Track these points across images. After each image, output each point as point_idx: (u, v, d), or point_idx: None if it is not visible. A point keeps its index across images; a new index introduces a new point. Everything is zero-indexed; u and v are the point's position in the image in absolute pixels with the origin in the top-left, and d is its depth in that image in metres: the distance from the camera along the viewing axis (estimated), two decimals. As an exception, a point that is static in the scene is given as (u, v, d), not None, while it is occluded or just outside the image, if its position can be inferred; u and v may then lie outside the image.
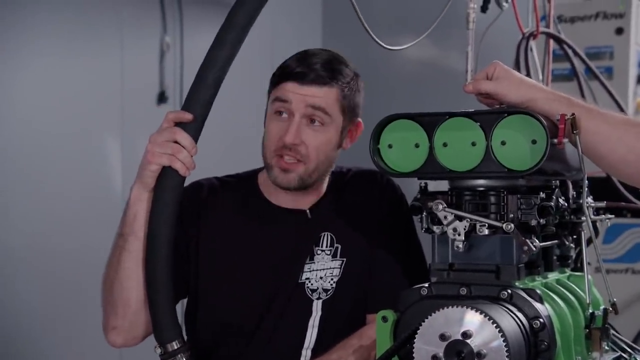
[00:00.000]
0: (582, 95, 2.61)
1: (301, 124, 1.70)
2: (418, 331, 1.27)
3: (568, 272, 1.59)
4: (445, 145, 1.40)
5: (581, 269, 1.54)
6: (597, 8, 3.03)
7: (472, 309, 1.24)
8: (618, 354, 1.50)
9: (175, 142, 1.52)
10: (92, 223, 3.24)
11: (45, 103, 3.15)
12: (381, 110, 1.51)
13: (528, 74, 2.40)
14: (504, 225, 1.36)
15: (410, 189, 1.60)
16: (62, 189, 3.18)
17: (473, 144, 1.38)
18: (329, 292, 1.74)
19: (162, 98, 3.58)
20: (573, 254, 1.60)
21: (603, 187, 2.05)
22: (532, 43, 2.45)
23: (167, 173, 1.53)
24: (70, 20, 3.24)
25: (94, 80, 3.31)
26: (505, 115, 1.37)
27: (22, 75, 3.09)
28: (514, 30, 2.48)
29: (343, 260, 1.76)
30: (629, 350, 1.51)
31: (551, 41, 2.55)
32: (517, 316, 1.31)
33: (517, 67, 2.41)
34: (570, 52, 2.58)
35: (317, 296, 1.74)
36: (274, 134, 1.72)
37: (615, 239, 2.99)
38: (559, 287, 1.47)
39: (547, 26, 2.54)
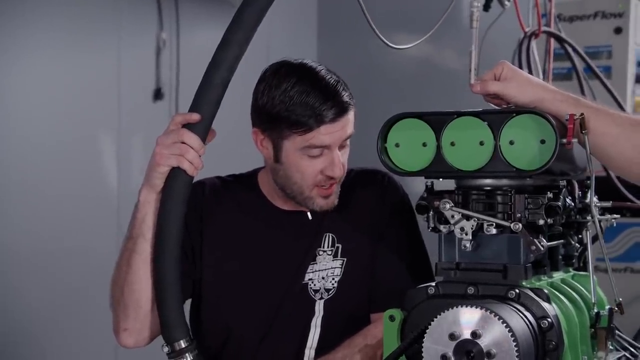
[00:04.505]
0: (582, 94, 2.61)
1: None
2: (427, 330, 1.27)
3: (572, 271, 1.59)
4: (453, 144, 1.39)
5: (585, 269, 1.55)
6: (596, 7, 3.02)
7: (482, 308, 1.24)
8: (622, 353, 1.50)
9: (183, 142, 1.52)
10: (88, 220, 3.23)
11: (41, 99, 3.13)
12: (383, 110, 1.50)
13: (530, 73, 2.40)
14: (511, 225, 1.36)
15: (413, 188, 1.60)
16: (57, 185, 3.16)
17: (481, 143, 1.37)
18: (330, 292, 1.74)
19: (158, 94, 3.56)
20: (577, 253, 1.60)
21: (603, 186, 2.05)
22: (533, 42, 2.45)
23: (175, 173, 1.53)
24: (66, 16, 3.22)
25: (90, 77, 3.30)
26: (514, 114, 1.37)
27: (17, 71, 3.07)
28: (515, 29, 2.48)
29: (344, 260, 1.75)
30: (630, 349, 1.51)
31: (552, 40, 2.55)
32: (525, 316, 1.31)
33: (520, 66, 2.41)
34: (570, 50, 2.58)
35: (320, 296, 1.74)
36: (312, 172, 1.67)
37: (615, 238, 2.99)
38: (564, 286, 1.47)
39: (548, 25, 2.54)
